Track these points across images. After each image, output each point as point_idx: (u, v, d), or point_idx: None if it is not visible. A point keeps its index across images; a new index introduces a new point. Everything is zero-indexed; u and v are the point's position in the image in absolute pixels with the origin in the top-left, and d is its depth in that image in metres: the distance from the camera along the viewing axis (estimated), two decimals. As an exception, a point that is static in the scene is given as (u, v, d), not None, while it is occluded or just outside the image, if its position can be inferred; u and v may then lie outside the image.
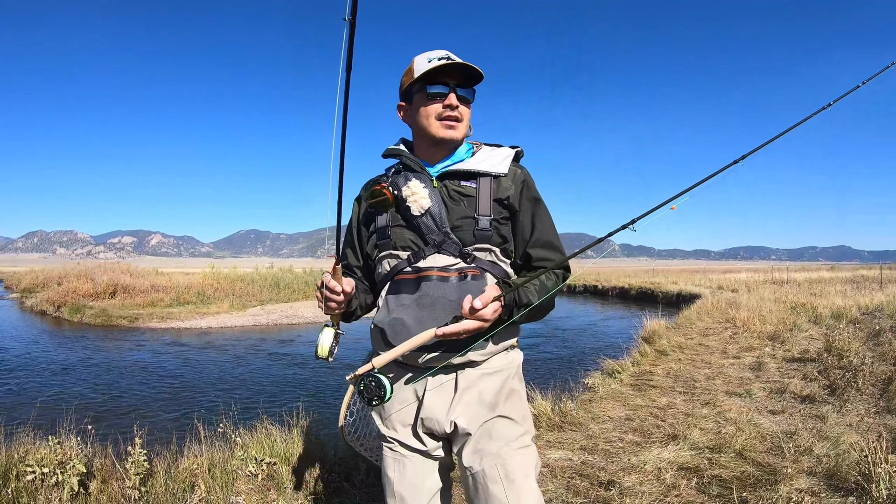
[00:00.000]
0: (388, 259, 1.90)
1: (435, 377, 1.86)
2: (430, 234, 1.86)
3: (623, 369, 8.14)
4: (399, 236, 1.89)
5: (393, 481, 1.90)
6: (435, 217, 1.86)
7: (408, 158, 1.95)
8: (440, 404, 1.85)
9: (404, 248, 1.88)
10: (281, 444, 4.28)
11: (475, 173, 1.91)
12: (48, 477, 3.42)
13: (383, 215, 1.92)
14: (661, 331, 11.56)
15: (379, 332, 1.87)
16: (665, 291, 31.03)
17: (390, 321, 1.83)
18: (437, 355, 1.80)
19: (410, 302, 1.82)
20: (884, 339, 9.29)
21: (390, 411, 1.93)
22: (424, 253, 1.85)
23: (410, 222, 1.88)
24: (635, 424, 5.47)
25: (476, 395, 1.85)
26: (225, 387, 10.61)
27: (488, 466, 1.78)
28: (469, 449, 1.84)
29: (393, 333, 1.81)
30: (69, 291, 24.69)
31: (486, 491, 1.77)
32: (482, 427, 1.84)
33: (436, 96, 1.87)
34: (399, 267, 1.87)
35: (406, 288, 1.85)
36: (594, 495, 3.84)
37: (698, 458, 4.40)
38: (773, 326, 12.01)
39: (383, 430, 1.94)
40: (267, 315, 21.80)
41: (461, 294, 1.75)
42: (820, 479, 3.87)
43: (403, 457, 1.90)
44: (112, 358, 13.53)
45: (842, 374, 6.54)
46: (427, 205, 1.85)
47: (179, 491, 3.64)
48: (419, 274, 1.84)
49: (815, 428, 5.07)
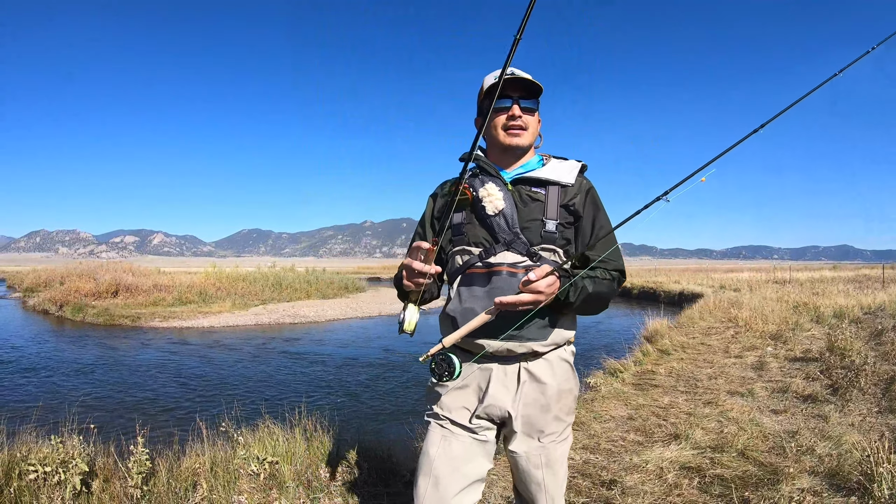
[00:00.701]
0: (461, 254, 2.08)
1: (501, 367, 2.03)
2: (502, 232, 2.02)
3: (625, 368, 8.14)
4: (473, 233, 2.07)
5: (433, 458, 2.01)
6: (507, 217, 2.03)
7: (484, 163, 2.14)
8: (504, 393, 2.03)
9: (477, 244, 2.06)
10: (283, 444, 4.29)
11: (545, 181, 2.09)
12: (50, 476, 3.43)
13: (460, 213, 2.10)
14: (664, 330, 11.56)
15: (451, 320, 2.03)
16: (667, 291, 30.99)
17: (462, 310, 2.00)
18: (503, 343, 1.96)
19: (482, 294, 1.98)
20: (886, 338, 9.28)
21: (452, 393, 2.08)
22: (495, 250, 2.02)
23: (484, 221, 2.05)
24: (637, 424, 5.47)
25: (536, 392, 2.04)
26: (227, 386, 10.61)
27: (534, 455, 2.04)
28: (519, 436, 2.04)
29: (464, 321, 1.95)
30: (71, 291, 24.68)
31: (528, 473, 2.06)
32: (535, 421, 2.04)
33: (501, 109, 2.06)
34: (471, 262, 2.05)
35: (478, 281, 2.01)
36: (596, 494, 3.84)
37: (700, 457, 4.40)
38: (776, 326, 12.00)
39: (438, 409, 2.08)
40: (269, 314, 21.80)
41: None
42: (822, 479, 3.86)
43: (452, 434, 2.04)
44: (114, 357, 13.54)
45: (844, 374, 6.53)
46: (501, 206, 2.03)
47: (182, 490, 3.64)
48: (490, 269, 2.00)
49: (817, 427, 5.07)
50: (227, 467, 3.87)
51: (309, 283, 31.46)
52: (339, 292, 31.78)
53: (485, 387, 2.03)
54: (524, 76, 2.03)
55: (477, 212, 2.06)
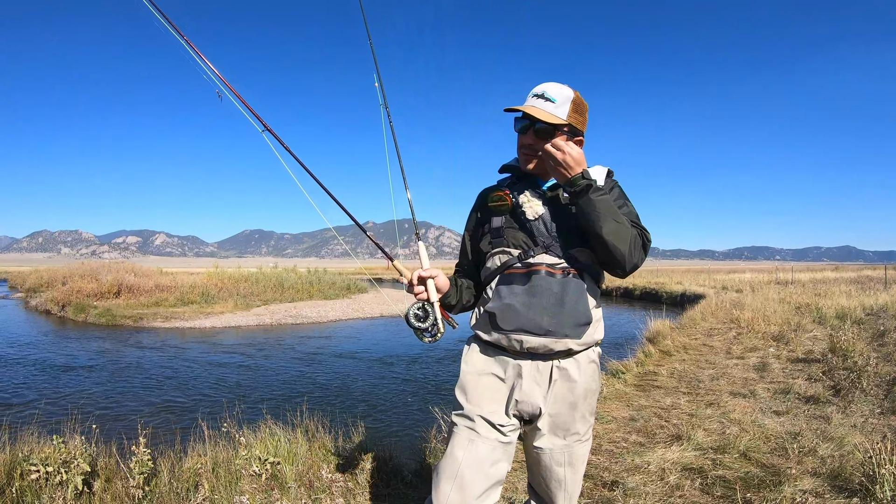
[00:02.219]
0: (500, 255, 2.14)
1: (534, 363, 2.08)
2: (541, 236, 2.11)
3: (627, 369, 8.13)
4: (513, 236, 2.13)
5: (460, 461, 2.01)
6: (546, 222, 2.12)
7: (522, 173, 2.21)
8: (537, 390, 2.08)
9: (516, 246, 2.12)
10: (285, 444, 4.29)
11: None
12: (52, 476, 3.43)
13: (499, 218, 2.18)
14: (666, 331, 11.55)
15: (488, 316, 2.10)
16: (669, 291, 30.98)
17: (501, 307, 2.06)
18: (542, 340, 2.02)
19: (521, 292, 2.05)
20: (888, 339, 9.28)
21: (482, 389, 2.12)
22: (534, 252, 2.08)
23: (524, 225, 2.13)
24: (639, 425, 5.46)
25: (566, 390, 2.10)
26: (229, 386, 10.63)
27: (558, 453, 2.11)
28: (546, 434, 2.11)
29: (502, 317, 2.05)
30: (74, 291, 24.71)
31: (550, 470, 2.14)
32: (564, 420, 2.11)
33: (518, 133, 2.16)
34: (510, 262, 2.11)
35: (517, 280, 2.07)
36: (598, 495, 3.83)
37: (702, 458, 4.39)
38: (778, 327, 11.99)
39: (467, 408, 2.10)
40: (271, 315, 21.81)
41: (563, 288, 2.05)
42: (824, 480, 3.86)
43: (479, 436, 2.05)
44: (116, 357, 13.56)
45: (846, 375, 6.52)
46: (540, 211, 2.12)
47: (183, 490, 3.64)
48: (529, 269, 2.07)
49: (819, 429, 5.06)
50: (228, 468, 3.87)
51: (311, 283, 31.46)
52: (340, 293, 31.75)
53: (518, 384, 2.07)
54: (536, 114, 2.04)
55: (517, 217, 2.14)
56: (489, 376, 2.11)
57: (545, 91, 2.08)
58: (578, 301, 2.06)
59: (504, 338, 2.06)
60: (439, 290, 2.17)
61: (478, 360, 2.16)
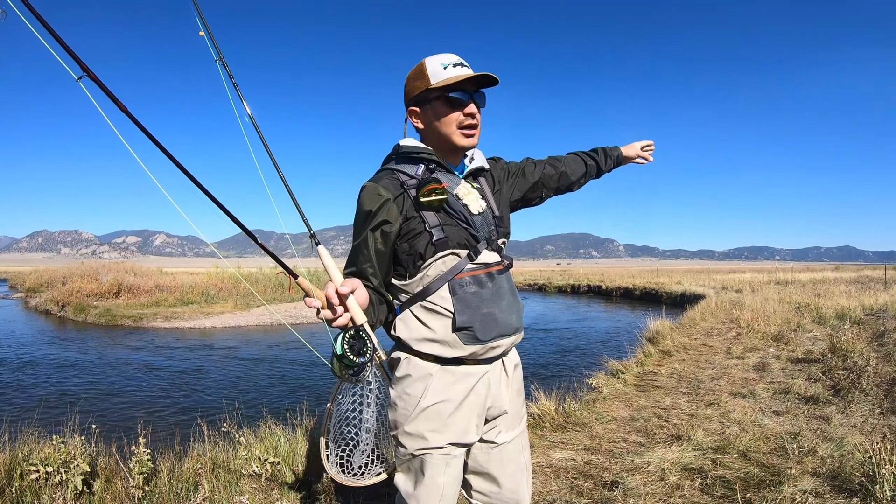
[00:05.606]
0: (448, 258, 1.89)
1: (495, 364, 2.00)
2: (482, 231, 1.95)
3: (627, 369, 8.13)
4: (456, 235, 1.90)
5: (442, 485, 1.88)
6: (486, 215, 1.99)
7: (439, 161, 1.98)
8: (503, 390, 2.01)
9: (462, 245, 1.91)
10: (285, 444, 4.29)
11: (480, 171, 2.11)
12: (52, 476, 3.44)
13: (432, 215, 1.89)
14: (665, 331, 11.54)
15: (460, 330, 1.85)
16: (669, 292, 30.98)
17: (480, 317, 1.86)
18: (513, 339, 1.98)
19: (490, 296, 1.90)
20: (888, 339, 9.28)
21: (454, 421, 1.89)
22: (479, 249, 1.92)
23: (465, 220, 1.92)
24: (639, 425, 5.46)
25: (517, 379, 2.10)
26: (229, 386, 10.63)
27: (517, 440, 2.06)
28: (507, 427, 2.04)
29: (483, 328, 1.86)
30: (73, 291, 24.75)
31: (515, 462, 2.04)
32: (518, 408, 2.09)
33: (456, 105, 1.92)
34: (460, 266, 1.88)
35: (479, 284, 1.90)
36: (598, 496, 3.83)
37: (702, 458, 4.39)
38: (778, 327, 11.98)
39: (436, 440, 1.87)
40: (271, 315, 21.80)
41: (510, 283, 2.01)
42: (824, 480, 3.86)
43: (454, 457, 1.91)
44: (116, 357, 13.56)
45: (846, 375, 6.52)
46: (483, 205, 1.98)
47: (183, 490, 3.64)
48: (487, 269, 1.92)
49: (819, 429, 5.06)
50: (228, 468, 3.87)
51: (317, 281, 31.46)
52: (341, 293, 31.69)
53: (487, 391, 1.95)
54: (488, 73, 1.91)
55: (455, 212, 1.91)
56: (460, 400, 1.89)
57: (461, 60, 1.94)
58: (517, 291, 2.06)
59: (482, 348, 1.87)
60: (361, 307, 1.75)
61: (439, 386, 1.89)
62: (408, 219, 1.90)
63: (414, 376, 1.90)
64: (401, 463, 1.96)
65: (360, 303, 1.73)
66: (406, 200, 1.91)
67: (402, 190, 1.92)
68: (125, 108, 1.50)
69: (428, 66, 1.93)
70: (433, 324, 1.88)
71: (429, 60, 1.94)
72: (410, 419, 1.88)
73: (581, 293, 41.13)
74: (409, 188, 1.91)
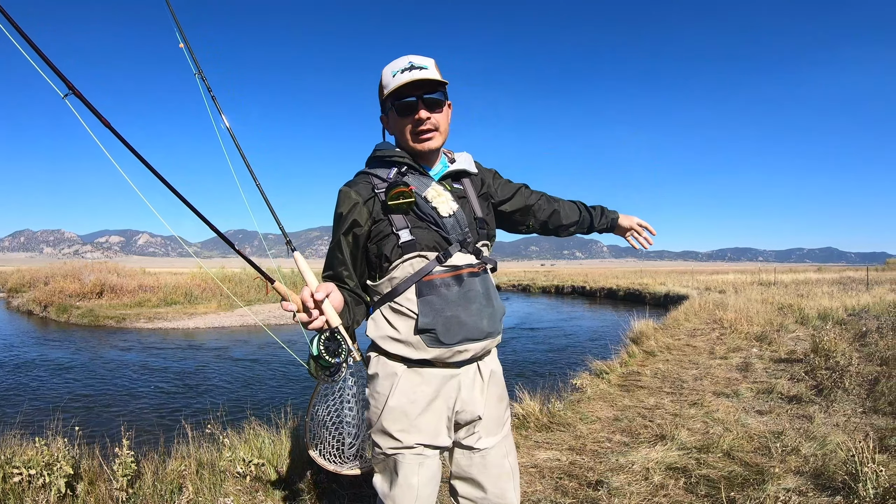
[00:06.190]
0: (415, 260, 1.90)
1: (469, 368, 1.99)
2: (454, 233, 1.94)
3: (611, 370, 8.16)
4: (425, 237, 1.91)
5: (416, 486, 1.90)
6: (459, 218, 1.97)
7: (412, 162, 2.00)
8: (475, 395, 1.98)
9: (431, 248, 1.91)
10: (269, 446, 4.28)
11: (462, 174, 2.11)
12: (35, 479, 3.41)
13: (400, 218, 1.92)
14: (649, 331, 11.58)
15: (424, 332, 1.87)
16: (653, 292, 31.16)
17: (444, 320, 1.86)
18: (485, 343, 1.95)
19: (457, 299, 1.89)
20: (870, 339, 9.36)
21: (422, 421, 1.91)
22: (450, 252, 1.92)
23: (435, 223, 1.93)
24: (623, 425, 5.48)
25: (496, 383, 2.07)
26: (213, 387, 10.57)
27: (500, 445, 2.04)
28: (488, 433, 2.02)
29: (446, 331, 1.86)
30: (56, 291, 24.55)
31: (499, 466, 2.02)
32: (499, 413, 2.06)
33: (406, 111, 1.93)
34: (428, 268, 1.89)
35: (446, 286, 1.90)
36: (583, 495, 3.84)
37: (686, 458, 4.42)
38: (761, 327, 12.08)
39: (408, 440, 1.90)
40: (255, 315, 21.71)
41: (485, 285, 1.98)
42: (807, 479, 3.89)
43: (427, 457, 1.93)
44: (99, 359, 13.44)
45: (828, 375, 6.57)
46: (455, 206, 1.97)
47: (167, 492, 3.62)
48: (457, 272, 1.91)
49: (802, 428, 5.10)
50: (212, 469, 3.86)
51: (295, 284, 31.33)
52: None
53: (458, 395, 1.95)
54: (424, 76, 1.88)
55: (424, 214, 1.92)
56: (427, 401, 1.91)
57: (412, 62, 1.90)
58: (496, 295, 2.04)
59: (447, 351, 1.88)
60: (336, 310, 1.81)
61: (406, 386, 1.92)
62: (376, 221, 1.95)
63: (381, 375, 1.96)
64: (376, 462, 2.02)
65: (335, 306, 1.79)
66: (376, 203, 1.95)
67: (373, 193, 1.96)
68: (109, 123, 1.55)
69: (383, 74, 1.97)
70: (399, 324, 1.91)
71: (385, 68, 1.97)
72: (380, 418, 1.93)
73: (565, 294, 41.27)
74: (379, 191, 1.94)
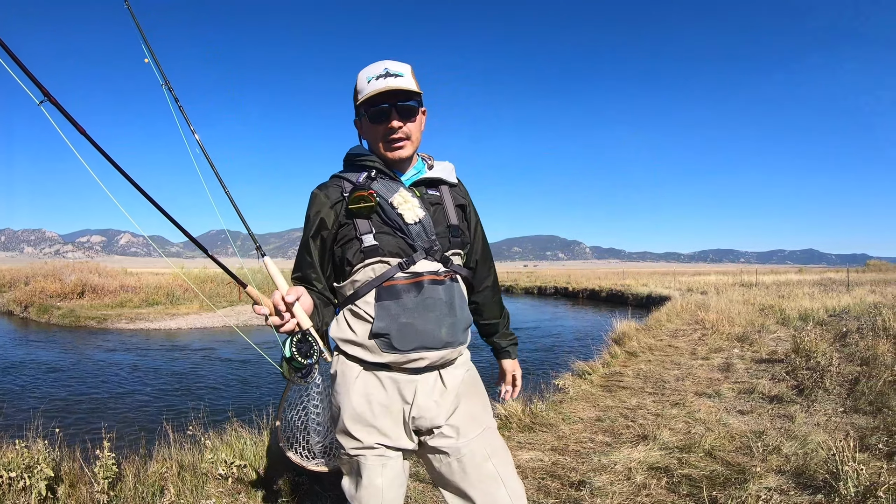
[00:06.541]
0: (377, 265, 1.90)
1: (427, 375, 1.94)
2: (419, 240, 1.91)
3: (593, 370, 8.19)
4: (388, 243, 1.90)
5: (381, 487, 1.91)
6: (425, 225, 1.93)
7: (383, 167, 1.99)
8: (432, 402, 1.92)
9: (393, 254, 1.90)
10: (251, 447, 4.26)
11: (437, 181, 2.07)
12: (15, 481, 3.37)
13: (365, 222, 1.91)
14: (632, 332, 11.63)
15: (377, 337, 1.87)
16: (635, 293, 31.32)
17: (397, 326, 1.86)
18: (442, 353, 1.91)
19: (414, 306, 1.87)
20: (850, 340, 9.45)
21: (379, 420, 1.92)
22: (414, 259, 1.90)
23: (400, 229, 1.91)
24: (606, 425, 5.50)
25: (462, 389, 2.00)
26: (195, 389, 10.51)
27: (477, 447, 1.94)
28: (453, 436, 1.94)
29: (400, 338, 1.85)
30: (36, 291, 24.32)
31: (480, 468, 1.92)
32: (467, 414, 1.98)
33: (379, 118, 1.92)
34: (389, 273, 1.88)
35: (405, 293, 1.88)
36: (565, 495, 3.85)
37: (668, 457, 4.44)
38: (742, 328, 12.16)
39: (368, 441, 1.91)
40: (237, 316, 21.56)
41: (450, 294, 1.93)
42: (789, 478, 3.92)
43: (389, 459, 1.93)
44: (80, 359, 13.33)
45: (809, 375, 6.62)
46: (422, 213, 1.93)
47: (149, 494, 3.60)
48: (417, 279, 1.89)
49: (783, 427, 5.14)
50: (194, 471, 3.83)
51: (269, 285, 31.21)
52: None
53: (414, 400, 1.92)
54: (399, 84, 1.88)
55: (390, 220, 1.91)
56: (383, 404, 1.92)
57: (388, 68, 1.90)
58: (463, 306, 2.01)
59: (401, 357, 1.87)
60: (307, 312, 1.81)
61: (362, 387, 1.93)
62: (342, 225, 1.96)
63: (340, 374, 1.98)
64: (342, 464, 2.04)
65: (305, 308, 1.80)
66: (343, 207, 1.95)
67: (341, 197, 1.96)
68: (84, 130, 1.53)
69: (358, 79, 1.95)
70: (357, 327, 1.93)
71: (360, 73, 1.95)
72: (341, 416, 1.95)
73: (548, 294, 41.42)
74: (347, 195, 1.94)
